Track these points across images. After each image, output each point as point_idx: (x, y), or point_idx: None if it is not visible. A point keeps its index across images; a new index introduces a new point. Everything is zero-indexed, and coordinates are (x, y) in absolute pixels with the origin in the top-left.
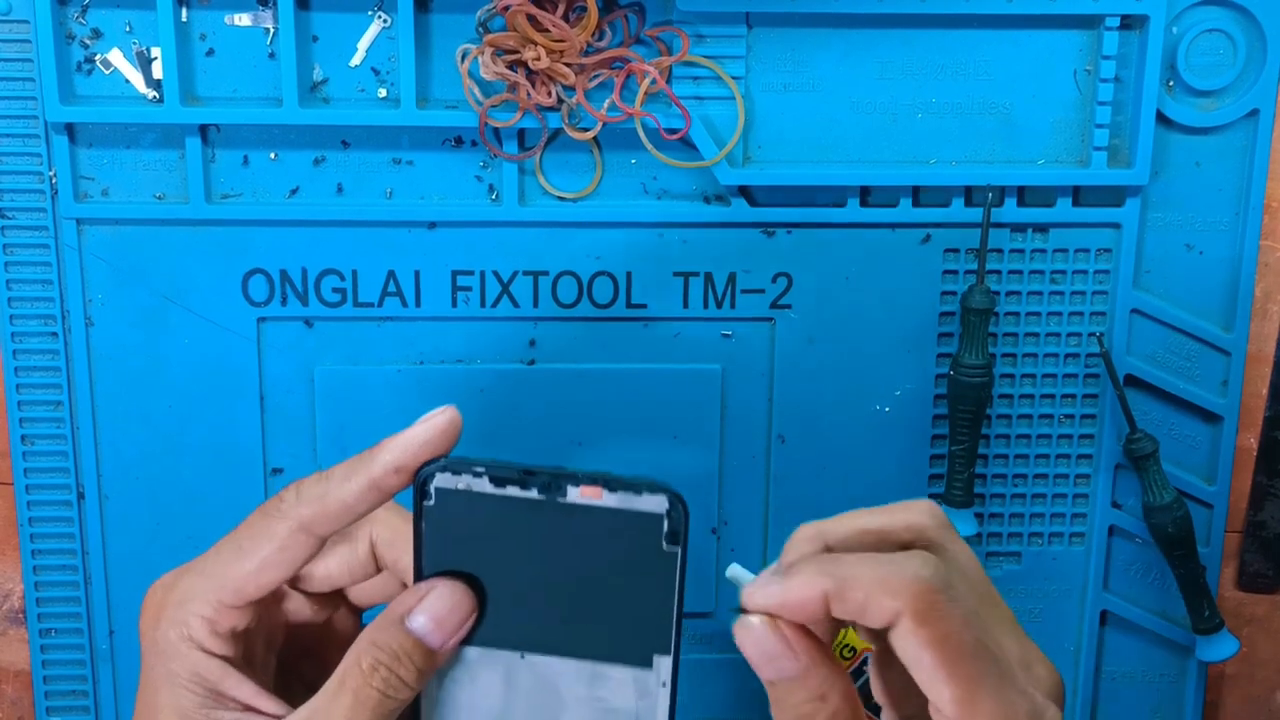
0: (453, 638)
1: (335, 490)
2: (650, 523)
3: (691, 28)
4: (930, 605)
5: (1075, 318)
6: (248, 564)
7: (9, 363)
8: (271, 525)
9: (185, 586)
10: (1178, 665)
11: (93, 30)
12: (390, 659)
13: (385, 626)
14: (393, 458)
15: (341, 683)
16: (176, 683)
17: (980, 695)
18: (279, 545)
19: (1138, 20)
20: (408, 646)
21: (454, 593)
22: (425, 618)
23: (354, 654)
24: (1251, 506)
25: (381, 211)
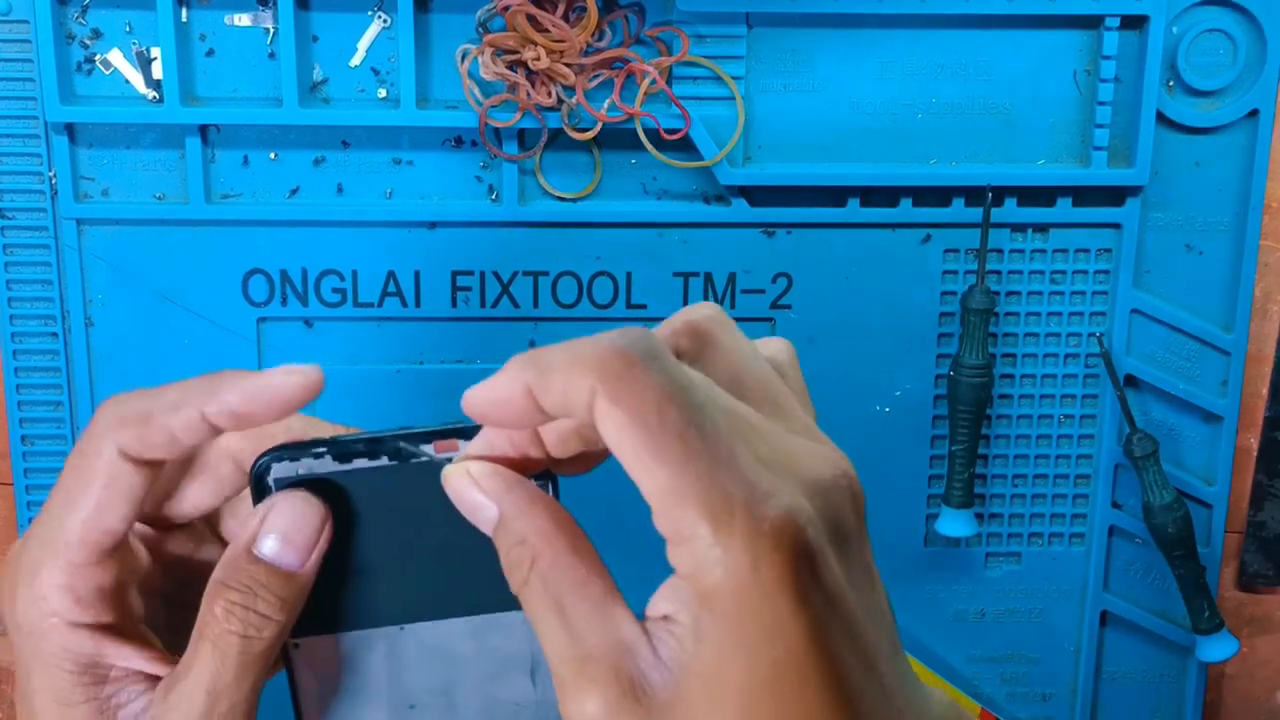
0: (312, 553)
1: (160, 415)
2: None
3: (691, 28)
4: (620, 380)
5: (1075, 318)
6: (81, 512)
7: (9, 363)
8: (93, 460)
9: (31, 557)
10: (1178, 665)
11: (93, 30)
12: (244, 596)
13: (230, 561)
14: (235, 400)
15: (200, 635)
16: (48, 664)
17: (684, 479)
18: (104, 481)
19: (1138, 20)
20: (261, 577)
21: (297, 504)
22: (273, 538)
23: (206, 600)
24: (1251, 507)
25: (381, 211)
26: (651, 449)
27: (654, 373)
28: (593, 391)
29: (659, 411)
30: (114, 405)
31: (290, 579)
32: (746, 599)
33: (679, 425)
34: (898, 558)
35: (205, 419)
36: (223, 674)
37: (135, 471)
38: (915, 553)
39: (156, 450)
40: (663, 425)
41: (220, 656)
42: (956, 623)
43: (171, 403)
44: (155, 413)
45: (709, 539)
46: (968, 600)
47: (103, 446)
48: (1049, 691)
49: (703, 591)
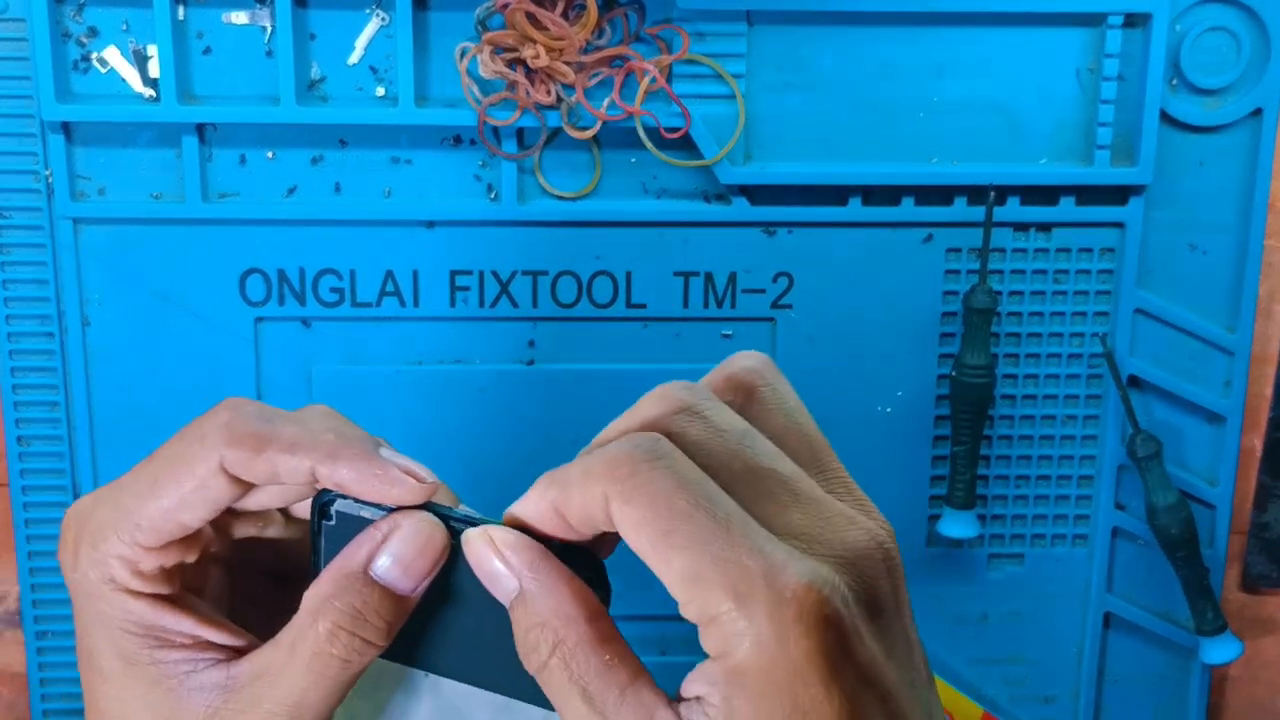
0: (426, 580)
1: (273, 451)
2: None
3: (692, 26)
4: (628, 482)
5: (1078, 318)
6: (163, 501)
7: (5, 363)
8: (192, 460)
9: (100, 521)
10: (1181, 667)
11: (89, 28)
12: (352, 620)
13: (343, 579)
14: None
15: (293, 647)
16: (110, 624)
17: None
18: (196, 484)
19: (1141, 18)
20: (373, 600)
21: (423, 527)
22: (391, 563)
23: (308, 613)
24: (1255, 508)
25: (380, 211)
26: (666, 538)
27: (660, 470)
28: (606, 497)
29: (669, 503)
30: (233, 414)
31: (401, 603)
32: (776, 674)
33: (689, 511)
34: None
35: (313, 474)
36: (313, 691)
37: (228, 486)
38: (917, 554)
39: (256, 478)
40: (673, 514)
41: (316, 676)
42: (959, 624)
43: (289, 443)
44: (270, 445)
45: (733, 614)
46: (970, 602)
47: (208, 452)
48: (1052, 693)
49: (732, 670)
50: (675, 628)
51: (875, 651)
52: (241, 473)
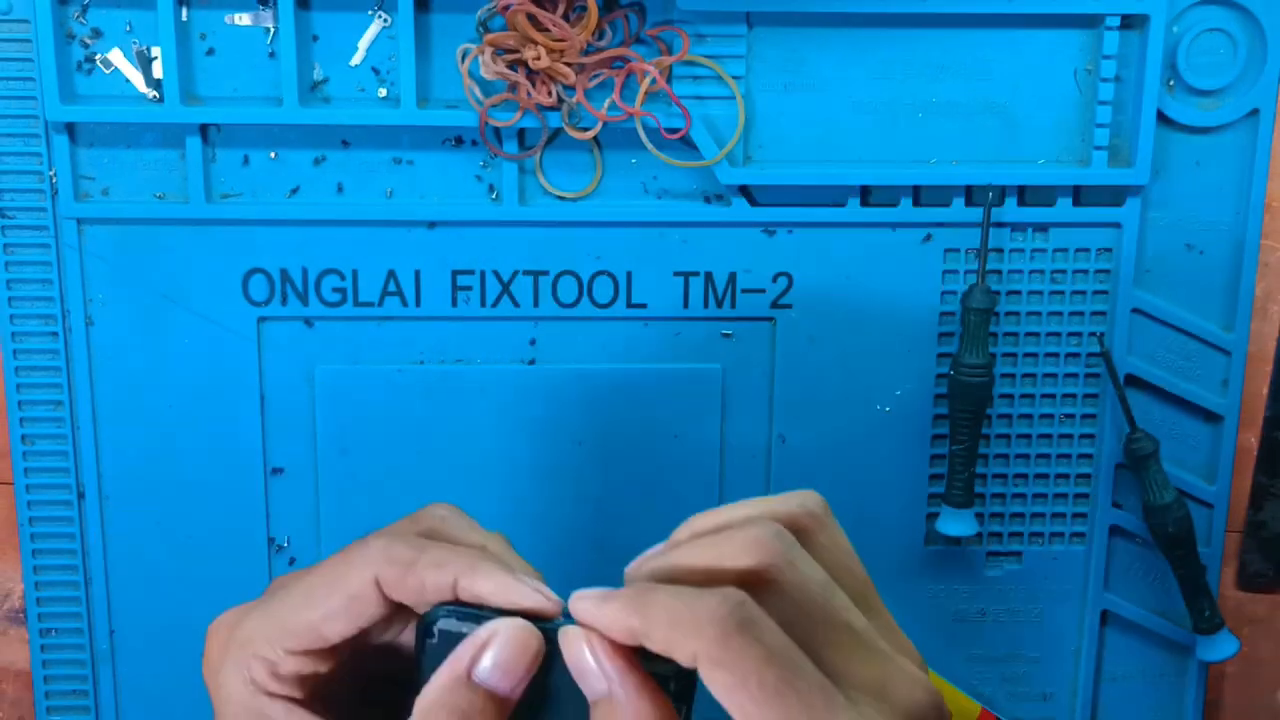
0: (525, 681)
1: (423, 569)
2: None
3: (692, 27)
4: (725, 646)
5: (1076, 317)
6: (315, 612)
7: (9, 362)
8: (348, 573)
9: (249, 627)
10: (1178, 665)
11: (93, 30)
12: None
13: (449, 684)
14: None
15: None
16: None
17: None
18: (351, 594)
19: (1138, 20)
20: (477, 703)
21: (519, 633)
22: (492, 667)
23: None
24: (1252, 506)
25: (382, 211)
26: (756, 709)
27: (751, 640)
28: (695, 655)
29: (759, 676)
30: (387, 539)
31: (501, 704)
32: None
33: (778, 687)
34: (898, 557)
35: (454, 588)
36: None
37: (378, 603)
38: (915, 552)
39: (405, 595)
40: (762, 687)
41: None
42: (957, 622)
43: (436, 559)
44: (419, 564)
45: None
46: (968, 600)
47: (365, 570)
48: (1049, 691)
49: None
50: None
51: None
52: (392, 589)
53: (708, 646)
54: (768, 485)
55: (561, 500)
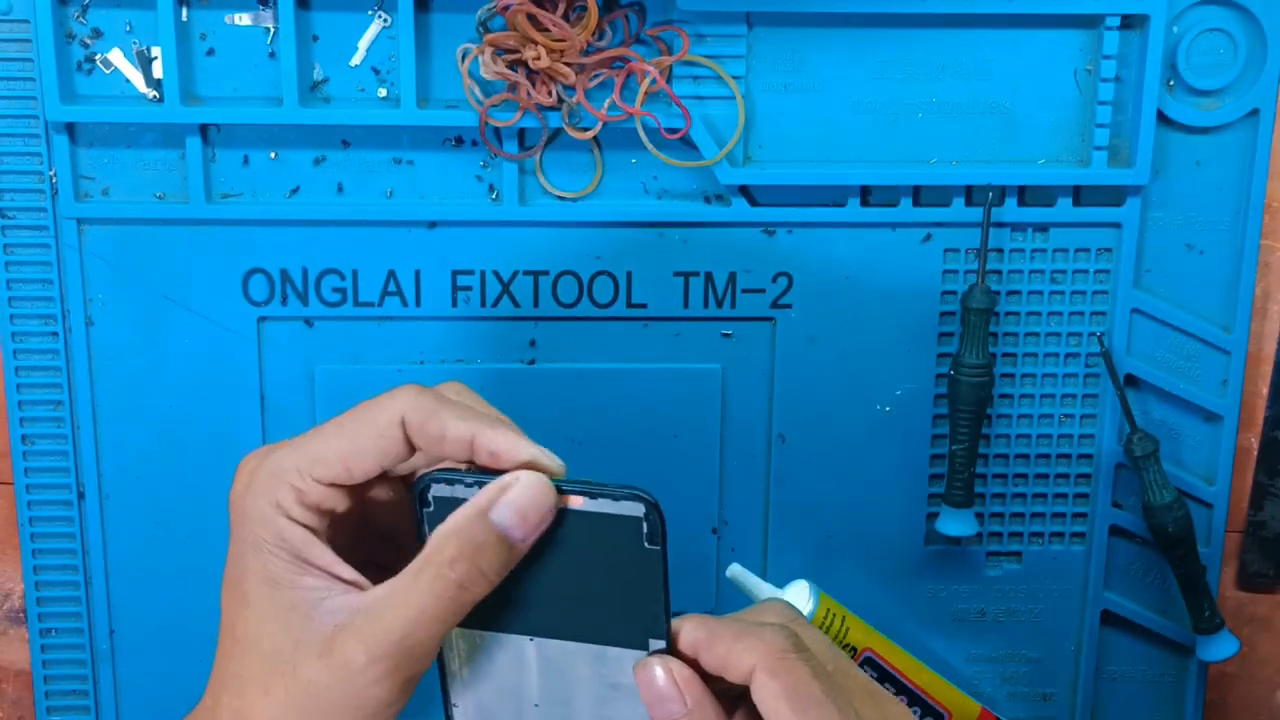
0: (535, 533)
1: (444, 417)
2: (631, 524)
3: (692, 27)
4: (779, 660)
5: (1076, 317)
6: (346, 445)
7: (9, 362)
8: (378, 412)
9: (279, 457)
10: (1178, 665)
11: (93, 30)
12: (473, 551)
13: (469, 518)
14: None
15: (421, 570)
16: (263, 548)
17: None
18: (379, 431)
19: (1138, 20)
20: (491, 540)
21: (537, 486)
22: (509, 511)
23: (436, 542)
24: (1252, 506)
25: (382, 211)
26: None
27: (802, 661)
28: (753, 668)
29: (808, 687)
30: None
31: (510, 550)
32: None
33: (820, 698)
34: (898, 557)
35: (471, 442)
36: (428, 611)
37: (402, 442)
38: (915, 552)
39: (426, 439)
40: (809, 696)
41: (435, 597)
42: (957, 622)
43: (457, 412)
44: (443, 410)
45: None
46: (968, 600)
47: (392, 411)
48: (1049, 691)
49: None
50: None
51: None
52: (415, 430)
53: (766, 659)
54: (767, 485)
55: None
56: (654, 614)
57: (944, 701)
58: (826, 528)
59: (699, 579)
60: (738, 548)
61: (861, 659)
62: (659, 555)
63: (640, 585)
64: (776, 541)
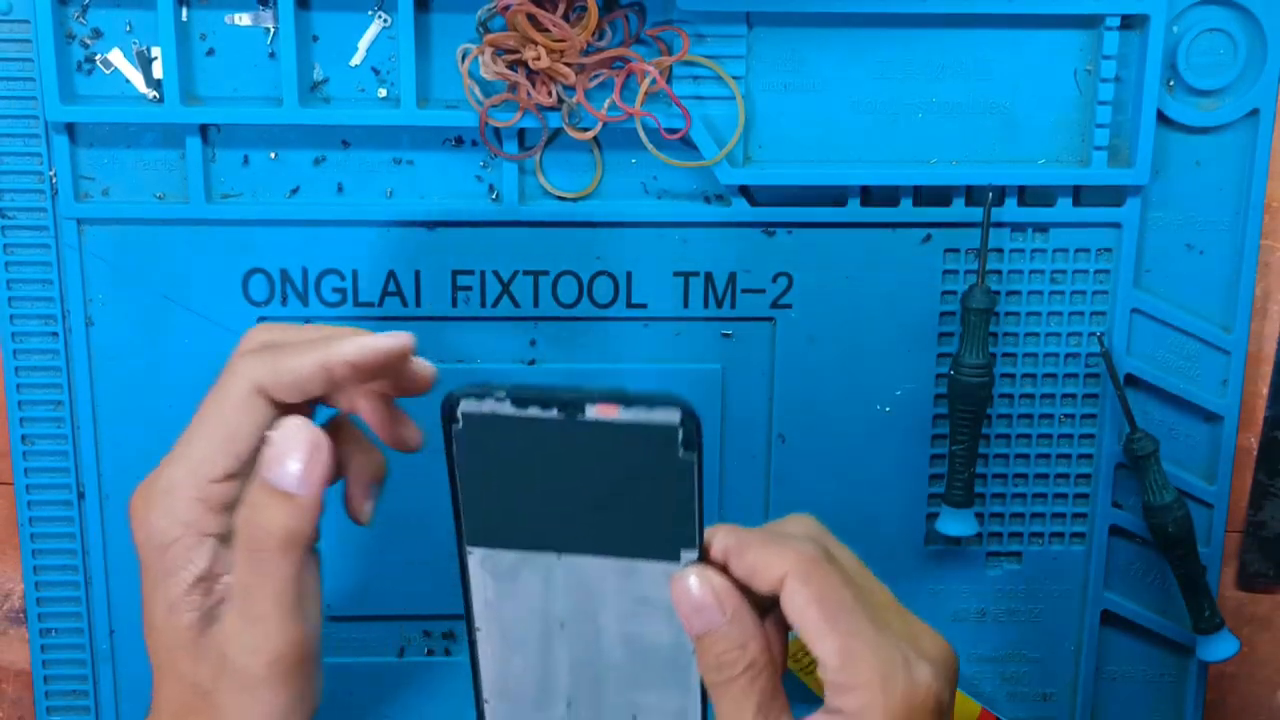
0: (317, 475)
1: (287, 359)
2: (666, 433)
3: (692, 27)
4: (811, 567)
5: (1076, 317)
6: (220, 433)
7: (9, 362)
8: (227, 392)
9: (167, 477)
10: (1178, 665)
11: (93, 30)
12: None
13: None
14: (353, 353)
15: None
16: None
17: (858, 644)
18: (237, 407)
19: (1138, 20)
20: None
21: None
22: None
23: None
24: (1252, 506)
25: (382, 211)
26: (831, 619)
27: (832, 569)
28: (784, 575)
29: (839, 592)
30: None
31: (293, 500)
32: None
33: (853, 605)
34: (898, 557)
35: (326, 369)
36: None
37: (265, 406)
38: (915, 552)
39: (285, 390)
40: (840, 602)
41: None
42: (957, 622)
43: (296, 350)
44: (283, 358)
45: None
46: (968, 600)
47: (240, 382)
48: (1049, 691)
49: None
50: None
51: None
52: (276, 392)
53: (797, 566)
54: (768, 485)
55: None
56: (688, 525)
57: None
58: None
59: None
60: None
61: None
62: (694, 464)
63: (674, 496)
64: None
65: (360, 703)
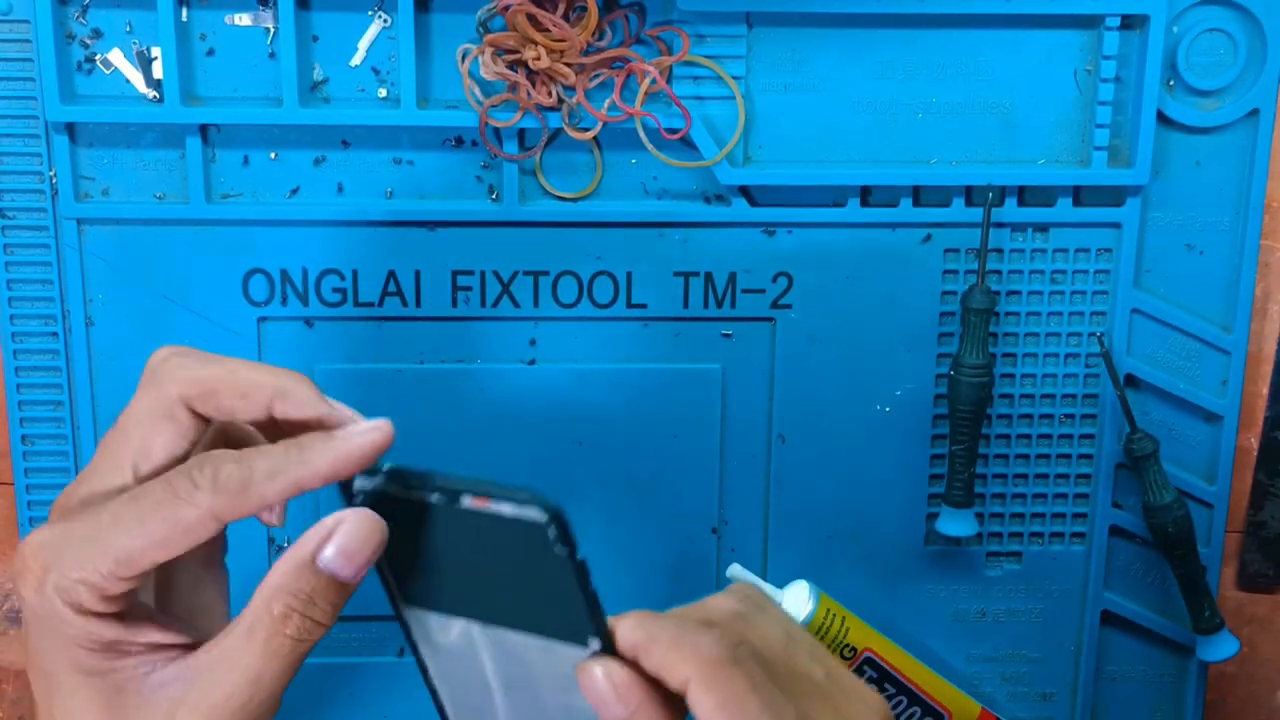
0: (365, 567)
1: (257, 486)
2: (537, 529)
3: (692, 27)
4: (713, 672)
5: (1076, 317)
6: (149, 539)
7: (9, 362)
8: (179, 511)
9: (74, 554)
10: (1178, 665)
11: (93, 30)
12: (303, 604)
13: (293, 569)
14: (327, 468)
15: (251, 630)
16: (71, 643)
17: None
18: (184, 529)
19: (1138, 20)
20: (320, 586)
21: (365, 524)
22: (335, 554)
23: (262, 598)
24: (1252, 506)
25: (382, 211)
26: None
27: (738, 673)
28: (687, 679)
29: (741, 702)
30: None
31: (344, 589)
32: None
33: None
34: (898, 557)
35: (299, 487)
36: (269, 669)
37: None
38: (915, 552)
39: (245, 513)
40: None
41: (270, 655)
42: (957, 622)
43: (267, 472)
44: (252, 484)
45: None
46: (968, 600)
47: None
48: (1050, 691)
49: None
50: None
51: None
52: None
53: (699, 671)
54: (767, 485)
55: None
56: (579, 616)
57: (944, 701)
58: (826, 528)
59: (699, 579)
60: (738, 548)
61: (861, 659)
62: (569, 560)
63: (561, 587)
64: (776, 541)
65: (360, 703)
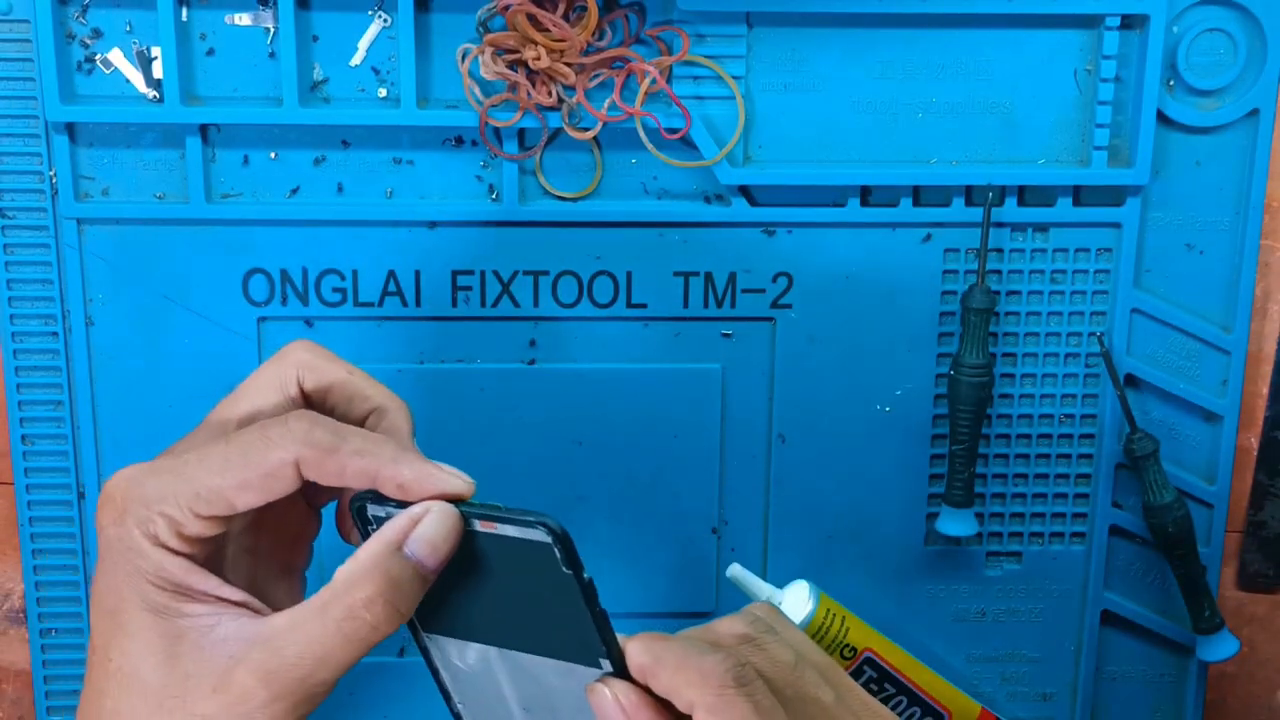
0: (445, 560)
1: (343, 455)
2: (543, 549)
3: (692, 27)
4: (718, 697)
5: (1076, 317)
6: (231, 480)
7: (9, 362)
8: (267, 453)
9: (157, 485)
10: (1178, 665)
11: (93, 30)
12: (391, 589)
13: (383, 551)
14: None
15: (328, 606)
16: (142, 578)
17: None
18: (265, 472)
19: (1138, 20)
20: (408, 575)
21: (450, 516)
22: (422, 544)
23: (345, 579)
24: (1252, 506)
25: (382, 211)
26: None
27: (743, 697)
28: (692, 704)
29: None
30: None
31: (425, 581)
32: None
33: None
34: (898, 557)
35: (375, 477)
36: (337, 651)
37: (293, 480)
38: (915, 552)
39: (324, 477)
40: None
41: (344, 638)
42: (957, 622)
43: (356, 448)
44: (342, 449)
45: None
46: (968, 600)
47: (287, 447)
48: (1050, 691)
49: None
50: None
51: None
52: (311, 471)
53: (705, 696)
54: (768, 485)
55: (561, 500)
56: (590, 637)
57: (944, 701)
58: (826, 528)
59: (699, 579)
60: (738, 548)
61: (861, 659)
62: (575, 580)
63: (569, 609)
64: (776, 541)
65: (360, 703)
